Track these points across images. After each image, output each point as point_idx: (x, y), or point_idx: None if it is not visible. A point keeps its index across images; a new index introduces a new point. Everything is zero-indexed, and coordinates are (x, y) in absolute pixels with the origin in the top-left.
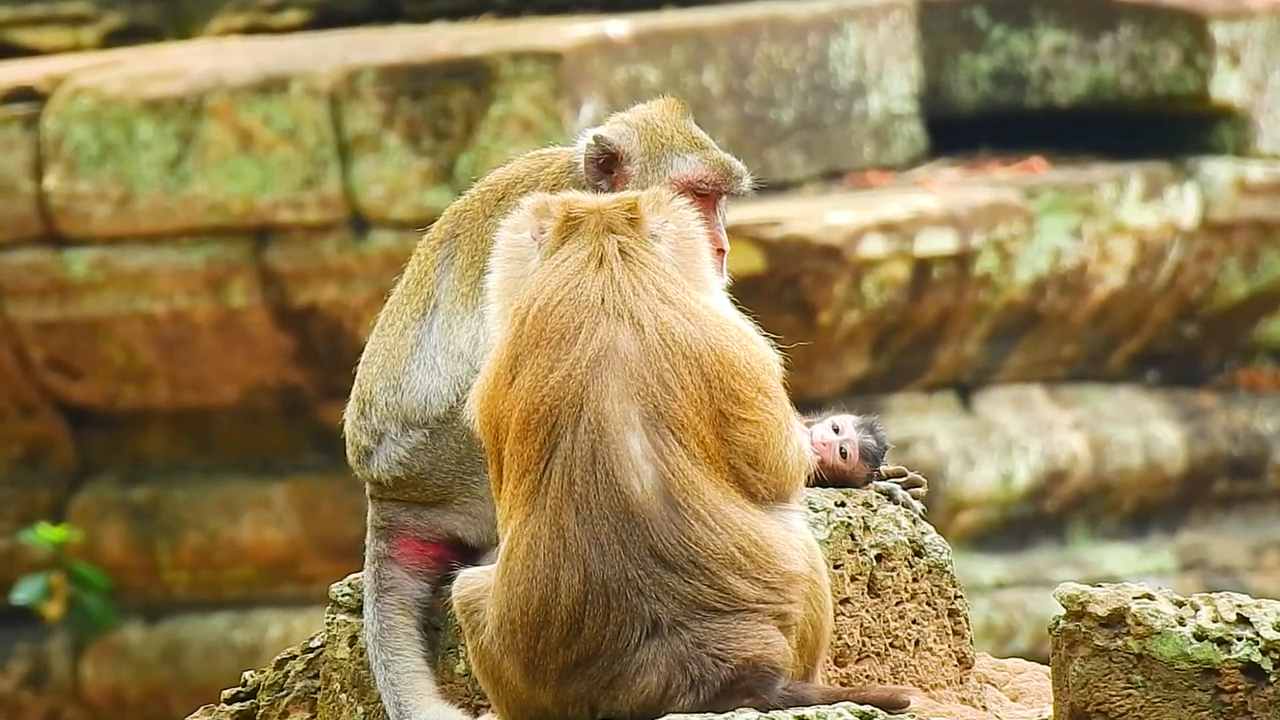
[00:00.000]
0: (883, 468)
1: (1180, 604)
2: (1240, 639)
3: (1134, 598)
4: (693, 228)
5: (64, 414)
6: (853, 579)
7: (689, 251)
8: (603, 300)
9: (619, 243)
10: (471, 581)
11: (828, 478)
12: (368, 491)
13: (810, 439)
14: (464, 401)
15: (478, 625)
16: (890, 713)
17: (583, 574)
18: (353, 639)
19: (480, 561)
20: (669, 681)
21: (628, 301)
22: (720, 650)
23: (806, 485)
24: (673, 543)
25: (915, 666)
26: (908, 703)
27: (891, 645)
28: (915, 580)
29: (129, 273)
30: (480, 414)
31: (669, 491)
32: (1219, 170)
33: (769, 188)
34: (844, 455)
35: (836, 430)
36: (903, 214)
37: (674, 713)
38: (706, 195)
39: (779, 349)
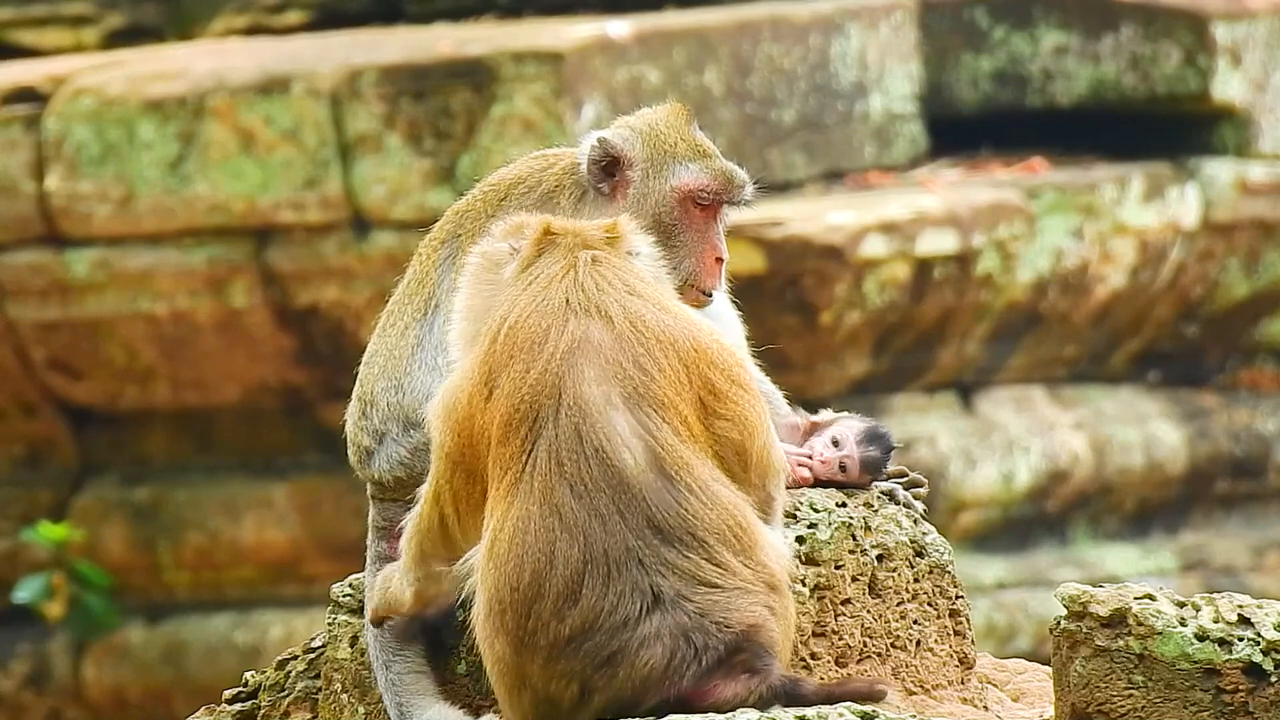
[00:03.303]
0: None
1: (1181, 604)
2: (1241, 639)
3: (1135, 598)
4: (660, 262)
5: (65, 414)
6: (854, 579)
7: (659, 276)
8: (567, 301)
9: (592, 255)
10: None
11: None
12: (369, 492)
13: (811, 453)
14: None
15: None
16: (864, 704)
17: (583, 544)
18: (354, 639)
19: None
20: (673, 653)
21: (592, 298)
22: (723, 618)
23: (808, 486)
24: (669, 514)
25: (917, 667)
26: (884, 694)
27: (893, 645)
28: (916, 580)
29: (130, 273)
30: (454, 432)
31: (661, 465)
32: (1220, 170)
33: (770, 188)
34: (843, 470)
35: (836, 444)
36: (904, 214)
37: (677, 686)
38: (708, 204)
39: (780, 349)
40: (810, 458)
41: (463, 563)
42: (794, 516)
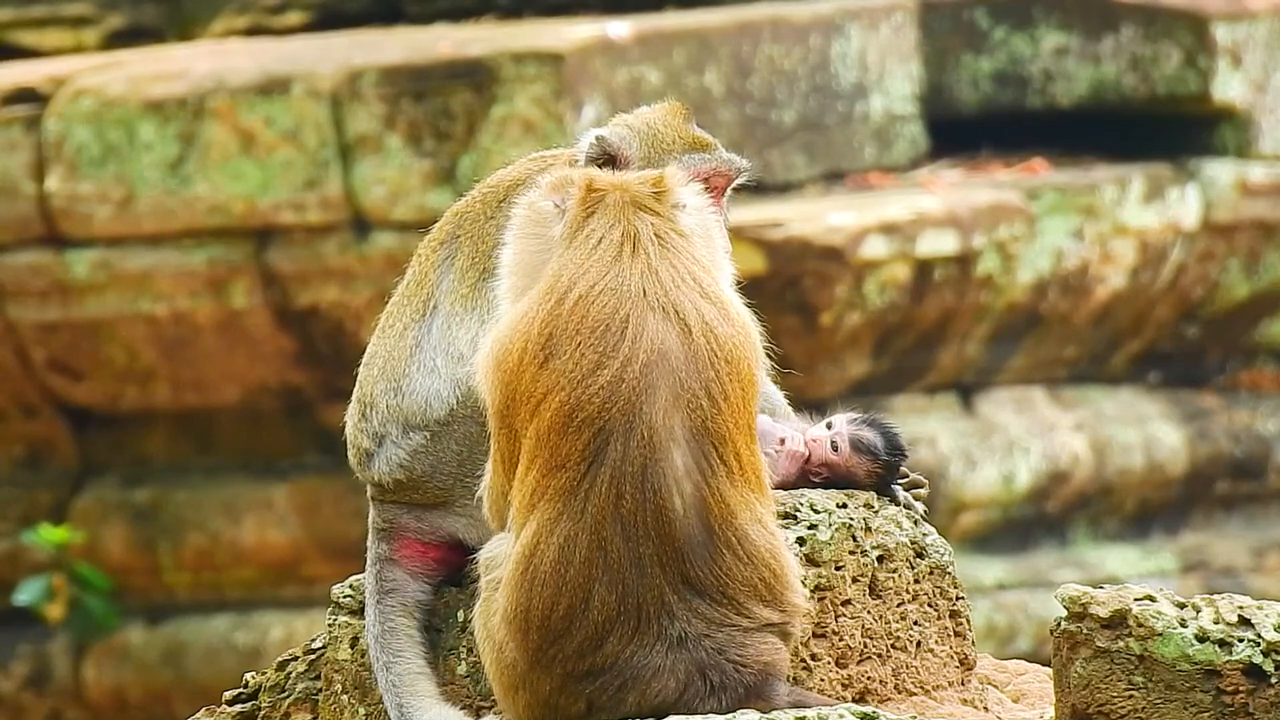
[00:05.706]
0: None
1: (1182, 605)
2: (1241, 640)
3: (1135, 599)
4: (708, 213)
5: (66, 415)
6: (854, 580)
7: (707, 233)
8: (644, 292)
9: (652, 224)
10: (500, 545)
11: (830, 475)
12: (369, 493)
13: (804, 437)
14: (465, 404)
15: (494, 593)
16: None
17: (619, 594)
18: (354, 640)
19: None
20: (686, 686)
21: (670, 294)
22: (740, 657)
23: (810, 487)
24: (704, 571)
25: (917, 668)
26: None
27: (893, 646)
28: (917, 581)
29: (131, 274)
30: (498, 383)
31: (706, 516)
32: (1220, 171)
33: (770, 189)
34: (834, 449)
35: (829, 426)
36: (904, 215)
37: (692, 715)
38: (707, 195)
39: (780, 350)
40: (804, 439)
41: (490, 550)
42: (794, 517)
